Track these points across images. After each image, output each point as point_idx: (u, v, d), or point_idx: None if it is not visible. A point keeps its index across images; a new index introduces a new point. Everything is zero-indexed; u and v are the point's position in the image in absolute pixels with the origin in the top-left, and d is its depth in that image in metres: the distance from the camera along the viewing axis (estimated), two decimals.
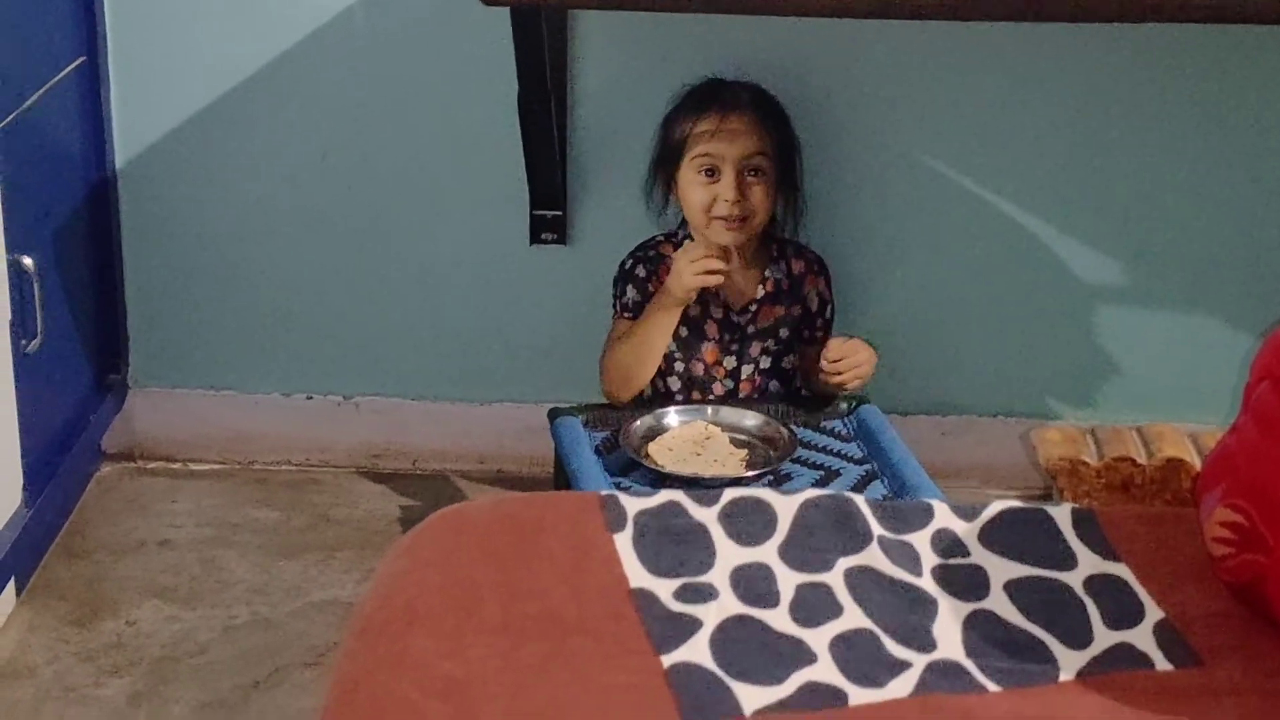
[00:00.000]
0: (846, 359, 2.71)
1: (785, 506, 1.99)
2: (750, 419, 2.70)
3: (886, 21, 2.93)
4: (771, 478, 2.57)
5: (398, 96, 3.07)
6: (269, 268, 3.17)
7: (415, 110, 3.07)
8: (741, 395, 2.85)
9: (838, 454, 2.68)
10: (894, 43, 3.01)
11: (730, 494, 2.02)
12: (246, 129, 3.08)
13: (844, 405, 2.81)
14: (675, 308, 2.76)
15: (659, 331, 2.77)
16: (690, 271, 2.71)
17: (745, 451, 2.65)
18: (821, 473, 2.61)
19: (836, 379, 2.72)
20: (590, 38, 3.02)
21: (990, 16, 2.75)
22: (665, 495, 2.03)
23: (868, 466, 2.63)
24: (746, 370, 2.85)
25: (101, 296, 3.15)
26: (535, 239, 3.12)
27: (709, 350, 2.84)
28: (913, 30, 2.97)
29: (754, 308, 2.85)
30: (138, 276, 3.18)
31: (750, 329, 2.85)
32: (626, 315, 2.83)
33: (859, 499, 2.03)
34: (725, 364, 2.85)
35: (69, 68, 2.91)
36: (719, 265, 2.73)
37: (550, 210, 3.09)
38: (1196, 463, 2.64)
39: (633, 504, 2.01)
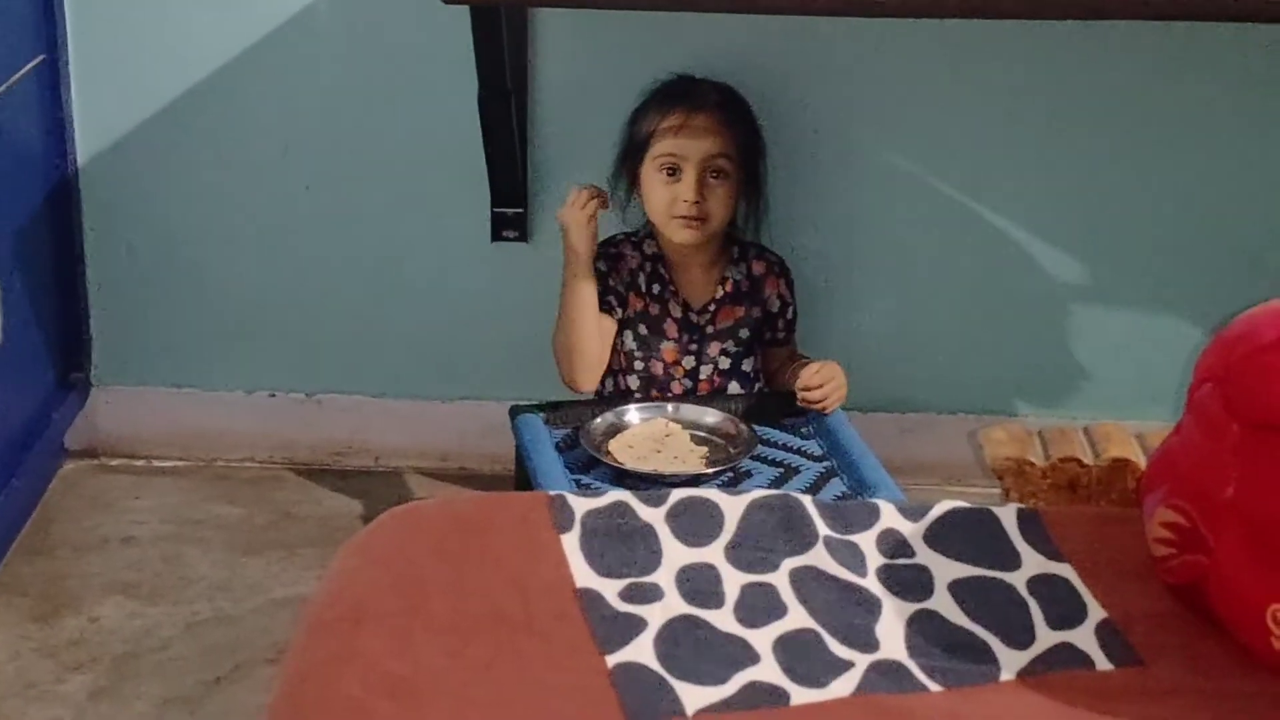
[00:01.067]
0: (825, 385, 2.72)
1: (733, 507, 2.00)
2: (710, 416, 2.71)
3: (852, 22, 2.94)
4: (731, 475, 2.57)
5: (359, 95, 3.07)
6: (231, 266, 3.17)
7: (376, 108, 3.07)
8: (700, 395, 2.85)
9: (797, 451, 2.68)
10: (858, 43, 3.01)
11: (678, 494, 2.02)
12: (207, 127, 3.08)
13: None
14: (584, 270, 2.76)
15: (576, 298, 2.76)
16: (583, 218, 2.74)
17: (705, 448, 2.65)
18: (781, 470, 2.61)
19: (817, 405, 2.73)
20: (551, 35, 3.02)
21: (944, 14, 2.75)
22: (614, 496, 2.04)
23: (827, 464, 2.63)
24: (705, 370, 2.86)
25: (64, 294, 3.14)
26: (496, 236, 3.12)
27: (668, 350, 2.85)
28: (878, 31, 2.98)
29: (713, 308, 2.86)
30: (100, 274, 3.17)
31: (709, 329, 2.85)
32: None
33: (806, 500, 2.04)
34: (684, 364, 2.85)
35: (29, 66, 2.91)
36: (597, 198, 2.76)
37: (511, 208, 3.09)
38: (1142, 463, 2.64)
39: (581, 505, 2.01)
